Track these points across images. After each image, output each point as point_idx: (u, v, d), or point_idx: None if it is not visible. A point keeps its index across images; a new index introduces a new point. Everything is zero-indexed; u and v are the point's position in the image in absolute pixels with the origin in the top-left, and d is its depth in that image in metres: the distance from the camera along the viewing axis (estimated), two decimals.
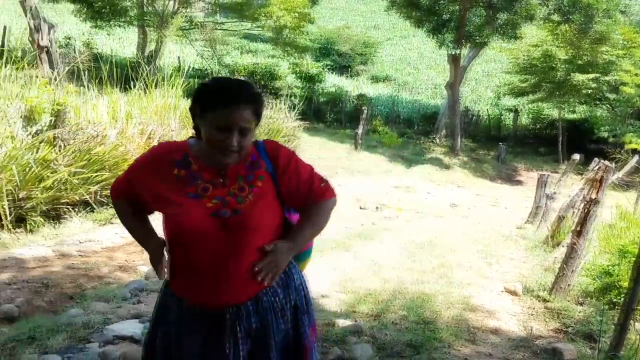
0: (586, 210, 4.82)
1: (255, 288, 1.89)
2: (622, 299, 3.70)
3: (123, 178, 2.01)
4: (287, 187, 1.94)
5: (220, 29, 23.23)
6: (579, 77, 18.20)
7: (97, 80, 9.05)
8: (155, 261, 1.93)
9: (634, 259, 3.55)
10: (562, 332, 4.21)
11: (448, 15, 19.58)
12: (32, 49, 13.14)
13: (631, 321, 3.92)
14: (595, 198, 4.77)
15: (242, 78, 18.38)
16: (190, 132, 1.95)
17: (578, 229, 4.84)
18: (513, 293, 5.05)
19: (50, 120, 6.70)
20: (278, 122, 13.07)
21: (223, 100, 1.75)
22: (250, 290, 1.89)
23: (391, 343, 3.63)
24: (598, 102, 21.48)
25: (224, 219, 1.81)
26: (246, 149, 1.83)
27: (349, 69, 35.22)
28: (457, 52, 19.30)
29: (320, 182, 2.02)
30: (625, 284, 3.92)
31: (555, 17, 18.66)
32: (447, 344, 3.77)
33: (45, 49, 13.51)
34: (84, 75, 8.67)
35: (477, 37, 18.94)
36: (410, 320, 4.08)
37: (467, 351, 3.74)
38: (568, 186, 9.26)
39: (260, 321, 1.90)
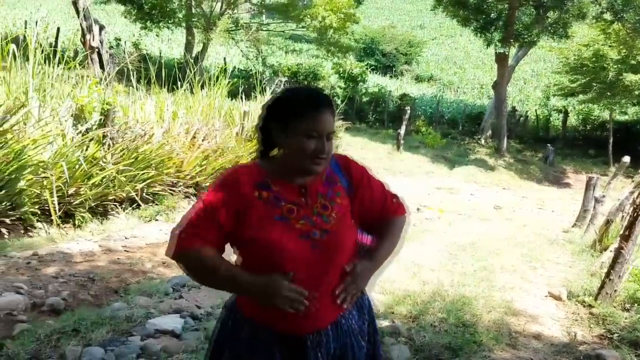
0: (635, 214, 4.67)
1: (337, 311, 1.83)
2: None
3: (197, 218, 1.71)
4: (361, 202, 1.87)
5: (265, 30, 23.46)
6: (631, 78, 17.62)
7: (145, 81, 9.28)
8: (292, 292, 1.69)
9: None
10: (606, 339, 4.09)
11: (496, 14, 19.24)
12: (83, 50, 13.56)
13: None
14: None
15: (285, 78, 18.57)
16: (230, 131, 1.94)
17: (626, 233, 4.68)
18: (557, 298, 4.93)
19: (100, 119, 6.90)
20: None
21: (311, 107, 1.69)
22: (333, 314, 1.82)
23: (429, 345, 3.60)
24: None
25: (314, 240, 1.73)
26: (331, 155, 1.78)
27: (393, 69, 35.08)
28: (505, 51, 18.95)
29: (392, 197, 1.96)
30: None
31: (608, 16, 18.13)
32: (487, 348, 3.71)
33: (96, 50, 13.94)
34: (133, 75, 8.91)
35: (526, 36, 18.54)
36: (449, 323, 4.03)
37: (507, 356, 3.67)
38: (618, 189, 8.97)
39: (339, 346, 1.83)
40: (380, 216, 1.93)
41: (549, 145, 20.42)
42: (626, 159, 8.37)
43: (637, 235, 4.71)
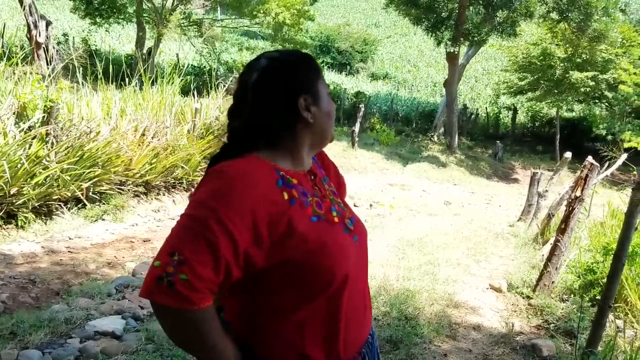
0: (570, 208, 4.85)
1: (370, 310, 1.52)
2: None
3: (206, 255, 1.13)
4: (335, 182, 1.57)
5: (218, 26, 23.24)
6: (577, 75, 18.20)
7: (92, 77, 9.08)
8: None
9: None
10: (543, 329, 4.24)
11: (446, 13, 19.55)
12: (29, 46, 13.19)
13: (611, 317, 3.97)
14: (579, 196, 4.80)
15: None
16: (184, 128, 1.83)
17: (562, 226, 4.86)
18: (498, 290, 5.08)
19: (42, 117, 6.73)
20: None
21: (316, 63, 1.41)
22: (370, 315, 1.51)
23: None
24: (596, 101, 21.50)
25: (352, 231, 1.39)
26: None
27: (349, 67, 35.28)
28: (455, 50, 19.27)
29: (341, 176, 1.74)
30: None
31: (554, 15, 18.66)
32: (428, 340, 3.80)
33: (43, 46, 13.56)
34: (79, 71, 8.71)
35: (476, 35, 18.90)
36: (392, 316, 4.11)
37: (446, 347, 3.77)
38: (564, 184, 9.27)
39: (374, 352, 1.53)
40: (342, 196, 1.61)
41: (498, 142, 20.95)
42: (568, 154, 8.64)
43: (572, 228, 4.90)
